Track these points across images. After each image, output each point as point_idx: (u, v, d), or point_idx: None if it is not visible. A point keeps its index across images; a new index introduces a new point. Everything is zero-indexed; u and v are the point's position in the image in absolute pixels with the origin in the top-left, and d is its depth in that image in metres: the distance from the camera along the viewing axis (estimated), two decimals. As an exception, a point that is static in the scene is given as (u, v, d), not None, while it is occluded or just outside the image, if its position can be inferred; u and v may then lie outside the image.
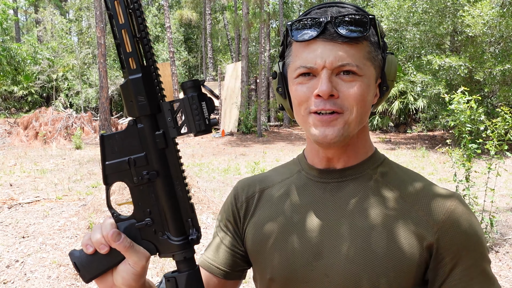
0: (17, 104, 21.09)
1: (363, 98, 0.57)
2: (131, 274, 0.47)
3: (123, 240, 0.45)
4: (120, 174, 0.45)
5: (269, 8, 17.57)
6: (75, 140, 10.09)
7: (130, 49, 0.42)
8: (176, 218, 0.46)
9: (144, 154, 0.45)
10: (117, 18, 0.42)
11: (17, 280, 2.98)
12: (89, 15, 21.55)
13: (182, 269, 0.47)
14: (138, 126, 0.45)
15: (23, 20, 30.27)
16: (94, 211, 4.12)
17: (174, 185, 0.46)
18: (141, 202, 0.46)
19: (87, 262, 0.46)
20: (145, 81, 0.43)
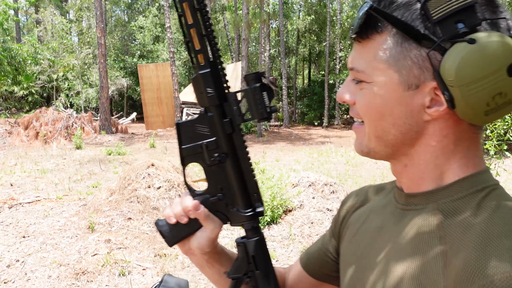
0: (17, 104, 21.10)
1: (370, 110, 0.47)
2: (207, 240, 0.55)
3: (201, 210, 0.54)
4: (195, 156, 0.53)
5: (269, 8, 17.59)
6: (75, 140, 10.10)
7: (199, 47, 0.48)
8: (244, 193, 0.53)
9: (215, 138, 0.52)
10: (186, 18, 0.47)
11: (17, 280, 2.98)
12: (89, 15, 21.56)
13: (250, 236, 0.55)
14: (208, 114, 0.51)
15: (23, 21, 30.30)
16: (95, 211, 4.13)
17: (241, 164, 0.53)
18: (213, 180, 0.54)
19: (170, 230, 0.56)
20: (213, 74, 0.49)
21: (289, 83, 21.53)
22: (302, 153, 9.41)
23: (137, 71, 18.30)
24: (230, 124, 0.51)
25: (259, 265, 0.54)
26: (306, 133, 15.04)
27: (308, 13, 20.53)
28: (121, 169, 7.08)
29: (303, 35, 22.07)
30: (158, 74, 16.71)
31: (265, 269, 0.55)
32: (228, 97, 0.51)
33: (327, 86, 16.99)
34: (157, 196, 4.25)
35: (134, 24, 21.50)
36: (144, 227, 3.84)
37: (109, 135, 12.79)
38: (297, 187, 4.49)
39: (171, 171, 4.64)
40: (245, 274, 0.55)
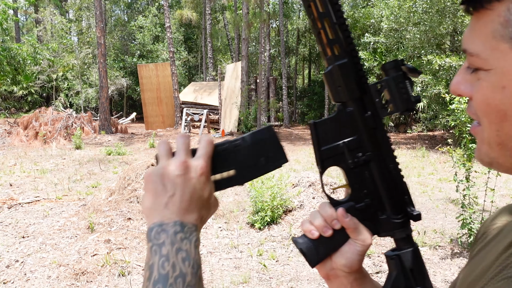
0: (17, 104, 21.08)
1: (488, 108, 0.36)
2: (357, 254, 0.47)
3: (350, 218, 0.46)
4: (335, 158, 0.47)
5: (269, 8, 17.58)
6: (75, 140, 10.09)
7: (333, 36, 0.44)
8: (393, 196, 0.47)
9: (356, 136, 0.46)
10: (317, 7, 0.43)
11: (17, 280, 2.97)
12: (89, 15, 21.55)
13: (403, 246, 0.47)
14: (347, 110, 0.46)
15: (23, 20, 30.27)
16: (94, 211, 4.12)
17: (387, 164, 0.47)
18: (357, 184, 0.47)
19: (312, 247, 0.48)
20: (352, 65, 0.44)
21: (289, 83, 21.53)
22: (302, 153, 9.40)
23: (136, 71, 18.29)
24: (372, 119, 0.45)
25: (420, 281, 0.46)
26: (306, 133, 15.03)
27: (308, 13, 20.50)
28: (120, 169, 7.07)
29: (303, 35, 22.07)
30: (158, 74, 16.70)
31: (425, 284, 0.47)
32: (368, 89, 0.45)
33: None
34: (157, 196, 4.25)
35: (134, 24, 21.48)
36: (144, 227, 3.83)
37: (109, 135, 12.77)
38: (297, 187, 4.48)
39: (171, 171, 4.63)
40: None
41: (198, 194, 0.43)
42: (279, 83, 19.65)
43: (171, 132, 14.86)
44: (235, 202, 5.03)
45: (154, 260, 0.39)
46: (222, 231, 4.00)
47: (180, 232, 0.40)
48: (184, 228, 0.41)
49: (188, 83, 20.64)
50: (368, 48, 14.27)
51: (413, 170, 7.16)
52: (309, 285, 2.90)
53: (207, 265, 3.26)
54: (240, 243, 3.66)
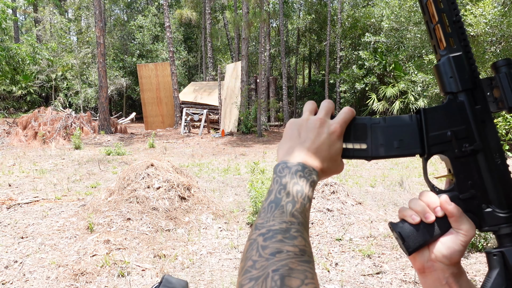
0: (16, 104, 21.04)
1: None
2: (459, 245, 0.46)
3: (454, 206, 0.46)
4: (442, 146, 0.48)
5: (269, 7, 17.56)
6: (74, 140, 10.06)
7: (450, 30, 0.47)
8: (500, 190, 0.46)
9: (465, 127, 0.47)
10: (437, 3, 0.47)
11: (15, 281, 2.95)
12: (88, 14, 21.51)
13: (507, 243, 0.46)
14: (458, 100, 0.47)
15: (21, 20, 30.21)
16: (94, 211, 4.10)
17: (494, 157, 0.47)
18: (462, 174, 0.47)
19: (411, 232, 0.47)
20: (466, 57, 0.47)
21: (289, 83, 21.51)
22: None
23: (136, 70, 18.27)
24: (483, 111, 0.47)
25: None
26: (305, 133, 15.00)
27: (309, 13, 20.50)
28: (120, 169, 7.05)
29: (303, 35, 22.05)
30: (158, 73, 16.67)
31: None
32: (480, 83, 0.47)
33: (327, 85, 16.96)
34: (157, 197, 4.22)
35: (133, 24, 21.45)
36: (143, 227, 3.81)
37: (108, 135, 12.75)
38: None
39: (170, 172, 4.60)
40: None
41: (325, 148, 0.49)
42: (279, 83, 19.64)
43: (171, 132, 14.84)
44: (235, 202, 5.01)
45: (274, 187, 0.46)
46: (222, 231, 3.98)
47: (301, 171, 0.46)
48: (305, 169, 0.47)
49: (188, 83, 20.61)
50: (369, 47, 14.26)
51: (413, 171, 7.15)
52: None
53: (207, 266, 3.24)
54: (240, 244, 3.64)
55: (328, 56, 17.25)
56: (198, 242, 3.69)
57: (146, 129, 16.14)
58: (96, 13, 13.18)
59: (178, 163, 7.19)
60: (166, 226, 3.89)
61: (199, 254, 3.46)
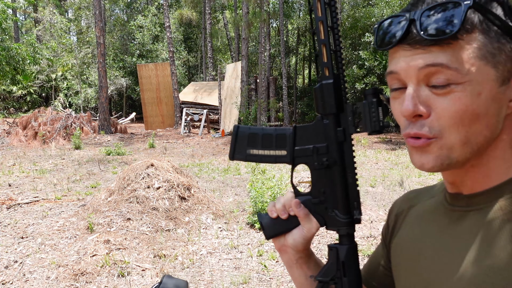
0: (16, 104, 21.05)
1: (464, 114, 0.43)
2: (302, 238, 0.58)
3: (302, 208, 0.56)
4: (305, 158, 0.56)
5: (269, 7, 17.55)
6: (74, 140, 10.06)
7: (326, 60, 0.52)
8: (345, 199, 0.55)
9: (326, 144, 0.55)
10: (319, 34, 0.52)
11: (15, 281, 2.95)
12: (88, 14, 21.51)
13: (343, 242, 0.56)
14: (324, 121, 0.55)
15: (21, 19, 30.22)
16: (94, 211, 4.10)
17: (347, 172, 0.55)
18: (318, 182, 0.57)
19: (270, 224, 0.59)
20: (335, 86, 0.53)
21: (289, 83, 21.51)
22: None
23: (136, 70, 18.27)
24: (343, 133, 0.54)
25: (348, 273, 0.55)
26: (305, 133, 15.01)
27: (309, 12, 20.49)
28: (120, 169, 7.05)
29: (303, 35, 22.05)
30: (158, 73, 16.67)
31: (353, 277, 0.55)
32: (345, 108, 0.54)
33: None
34: (157, 197, 4.22)
35: (133, 24, 21.45)
36: (143, 227, 3.81)
37: (108, 135, 12.75)
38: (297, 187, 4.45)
39: (170, 172, 4.60)
40: (332, 279, 0.56)
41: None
42: (279, 83, 19.64)
43: (171, 132, 14.84)
44: (235, 202, 5.01)
45: None
46: (222, 231, 3.98)
47: None
48: None
49: (188, 83, 20.61)
50: (369, 47, 14.26)
51: (413, 171, 7.15)
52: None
53: (207, 266, 3.24)
54: (240, 244, 3.64)
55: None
56: (198, 242, 3.69)
57: (146, 129, 16.14)
58: (96, 13, 13.19)
59: (178, 163, 7.19)
60: (166, 226, 3.89)
61: (199, 254, 3.46)
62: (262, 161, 0.59)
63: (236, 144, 0.59)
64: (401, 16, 0.45)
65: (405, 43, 0.45)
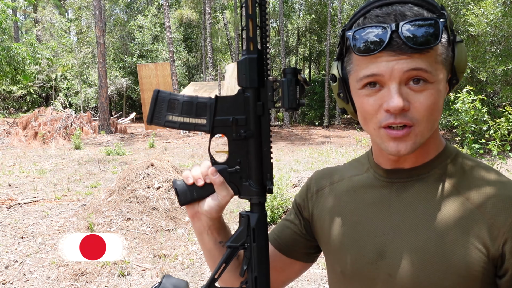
0: (16, 104, 21.05)
1: (435, 106, 0.54)
2: (216, 206, 0.60)
3: (218, 176, 0.59)
4: (224, 128, 0.58)
5: (269, 7, 17.55)
6: (74, 140, 10.06)
7: (251, 35, 0.54)
8: (259, 170, 0.58)
9: (245, 117, 0.57)
10: (247, 8, 0.53)
11: (16, 281, 2.95)
12: (88, 14, 21.51)
13: (254, 210, 0.59)
14: (245, 94, 0.56)
15: (21, 20, 30.22)
16: (94, 211, 4.10)
17: (262, 145, 0.58)
18: (234, 153, 0.59)
19: (185, 190, 0.60)
20: (258, 61, 0.55)
21: (289, 83, 21.45)
22: (302, 153, 9.39)
23: (136, 70, 18.27)
24: (262, 107, 0.56)
25: (257, 239, 0.58)
26: (306, 133, 15.02)
27: (309, 13, 20.50)
28: (120, 169, 7.05)
29: (303, 35, 22.05)
30: (158, 73, 16.67)
31: (262, 243, 0.58)
32: (266, 84, 0.56)
33: (327, 85, 16.96)
34: (157, 197, 4.22)
35: (133, 24, 21.44)
36: (143, 227, 3.81)
37: (108, 135, 12.75)
38: (297, 187, 4.46)
39: (170, 171, 4.60)
40: (242, 244, 0.58)
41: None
42: (279, 83, 19.60)
43: (171, 132, 14.84)
44: (235, 202, 5.01)
45: None
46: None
47: None
48: None
49: (188, 83, 20.61)
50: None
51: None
52: (309, 285, 2.88)
53: (207, 266, 3.24)
54: (240, 244, 3.64)
55: (328, 56, 17.25)
56: (198, 242, 3.69)
57: (146, 129, 16.14)
58: (96, 13, 13.19)
59: (178, 163, 7.19)
60: (166, 226, 3.89)
61: (199, 254, 3.46)
62: (181, 128, 0.59)
63: (155, 109, 0.58)
64: (378, 26, 0.52)
65: (390, 50, 0.52)
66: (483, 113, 3.37)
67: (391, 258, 0.59)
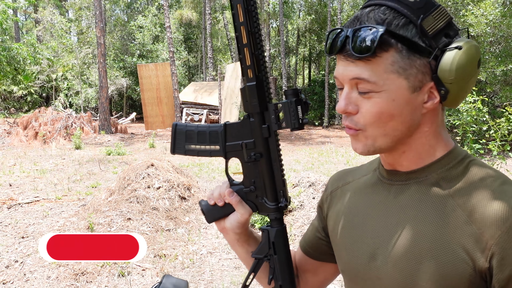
0: (16, 104, 21.06)
1: (384, 114, 0.55)
2: (237, 222, 0.66)
3: (235, 196, 0.64)
4: (235, 153, 0.62)
5: (269, 7, 17.56)
6: (74, 140, 10.07)
7: (249, 63, 0.57)
8: (272, 188, 0.62)
9: (253, 140, 0.61)
10: (241, 38, 0.56)
11: (16, 281, 2.96)
12: (89, 14, 21.52)
13: (273, 225, 0.63)
14: (250, 119, 0.60)
15: (22, 20, 30.23)
16: (94, 211, 4.10)
17: (273, 164, 0.61)
18: (248, 174, 0.63)
19: (210, 210, 0.67)
20: (258, 87, 0.58)
21: (289, 83, 21.50)
22: (302, 153, 9.39)
23: (136, 70, 18.27)
24: (267, 130, 0.59)
25: (278, 251, 0.63)
26: (306, 133, 15.02)
27: (309, 13, 20.50)
28: (120, 169, 7.06)
29: (303, 35, 22.05)
30: (158, 73, 16.67)
31: (282, 255, 0.63)
32: (268, 107, 0.59)
33: (327, 86, 16.97)
34: (157, 197, 4.23)
35: (134, 24, 21.45)
36: (143, 227, 3.82)
37: (109, 135, 12.76)
38: (297, 187, 4.46)
39: (170, 171, 4.61)
40: (265, 256, 0.64)
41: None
42: (279, 83, 19.63)
43: (171, 132, 14.83)
44: (235, 202, 5.01)
45: None
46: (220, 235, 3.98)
47: None
48: None
49: (188, 83, 20.62)
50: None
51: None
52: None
53: (207, 265, 3.24)
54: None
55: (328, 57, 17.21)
56: (198, 242, 3.69)
57: (146, 129, 16.14)
58: (96, 14, 13.20)
59: (178, 163, 7.20)
60: (166, 226, 3.90)
61: (199, 254, 3.46)
62: (199, 155, 0.65)
63: (175, 140, 0.65)
64: (342, 30, 0.55)
65: (342, 54, 0.55)
66: (484, 113, 3.37)
67: (381, 261, 0.59)
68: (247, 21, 0.55)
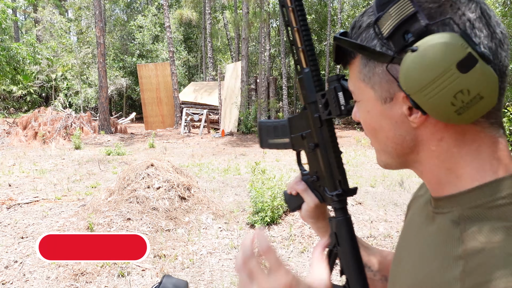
0: (16, 104, 21.06)
1: (367, 127, 0.52)
2: (307, 211, 0.67)
3: (301, 185, 0.66)
4: (299, 144, 0.66)
5: (269, 7, 17.54)
6: (74, 140, 10.06)
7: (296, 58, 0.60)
8: (330, 178, 0.62)
9: (310, 131, 0.63)
10: (296, 42, 0.59)
11: (15, 281, 2.95)
12: (88, 14, 21.51)
13: (336, 215, 0.63)
14: (305, 110, 0.62)
15: (21, 20, 30.21)
16: (94, 211, 4.10)
17: (328, 153, 0.62)
18: (311, 164, 0.65)
19: (288, 199, 0.71)
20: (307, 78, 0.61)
21: (289, 83, 21.50)
22: (302, 153, 9.36)
23: (136, 70, 18.27)
24: (319, 119, 0.61)
25: (340, 242, 0.62)
26: (306, 133, 15.00)
27: (309, 13, 20.49)
28: (120, 169, 7.05)
29: (302, 35, 22.00)
30: (158, 73, 16.67)
31: (346, 246, 0.61)
32: (315, 97, 0.61)
33: (327, 85, 16.96)
34: (157, 197, 4.22)
35: (133, 24, 21.45)
36: (143, 227, 3.81)
37: (108, 135, 12.75)
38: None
39: (170, 171, 4.60)
40: (334, 246, 0.63)
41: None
42: (279, 83, 19.63)
43: (171, 132, 14.84)
44: (235, 202, 5.01)
45: None
46: (222, 231, 3.98)
47: None
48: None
49: (188, 83, 20.61)
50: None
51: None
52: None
53: (207, 266, 3.24)
54: (240, 244, 3.64)
55: (328, 56, 17.25)
56: (198, 242, 3.69)
57: (146, 129, 16.14)
58: (96, 13, 13.20)
59: (178, 163, 7.19)
60: (166, 226, 3.89)
61: (199, 254, 3.46)
62: (278, 148, 0.69)
63: (261, 136, 0.71)
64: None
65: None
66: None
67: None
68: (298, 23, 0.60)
